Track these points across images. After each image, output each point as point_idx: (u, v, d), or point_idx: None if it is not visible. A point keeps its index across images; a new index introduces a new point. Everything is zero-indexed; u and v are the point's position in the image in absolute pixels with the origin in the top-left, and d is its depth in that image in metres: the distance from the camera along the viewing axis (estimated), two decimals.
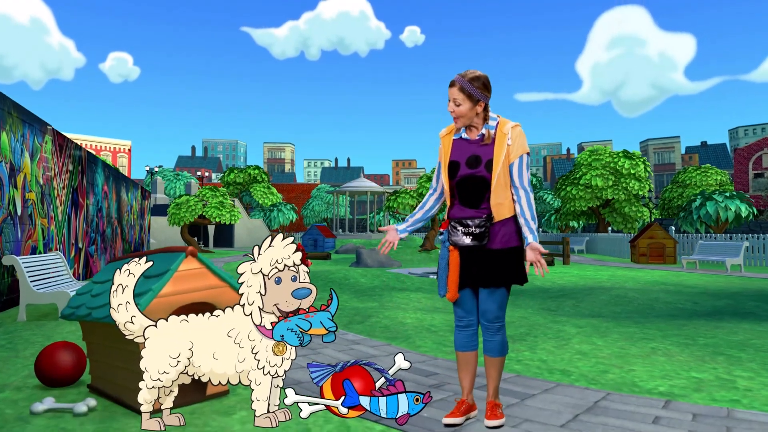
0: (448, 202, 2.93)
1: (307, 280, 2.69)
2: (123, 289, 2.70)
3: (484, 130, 2.82)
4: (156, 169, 62.60)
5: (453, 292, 2.82)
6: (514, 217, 2.81)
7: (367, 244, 27.66)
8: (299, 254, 2.67)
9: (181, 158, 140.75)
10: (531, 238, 2.76)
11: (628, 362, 4.31)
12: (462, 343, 2.92)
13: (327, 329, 2.55)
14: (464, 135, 2.87)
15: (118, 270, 2.72)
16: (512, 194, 2.81)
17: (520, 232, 2.82)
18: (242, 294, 2.64)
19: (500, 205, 2.77)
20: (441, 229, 2.93)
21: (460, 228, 2.78)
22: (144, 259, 2.78)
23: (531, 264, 2.78)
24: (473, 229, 2.75)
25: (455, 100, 2.79)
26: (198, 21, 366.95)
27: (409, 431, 2.79)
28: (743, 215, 24.17)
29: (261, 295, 2.61)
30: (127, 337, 2.74)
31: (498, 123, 2.83)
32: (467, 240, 2.76)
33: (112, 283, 2.70)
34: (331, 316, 2.59)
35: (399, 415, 2.60)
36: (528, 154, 2.81)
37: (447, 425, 2.82)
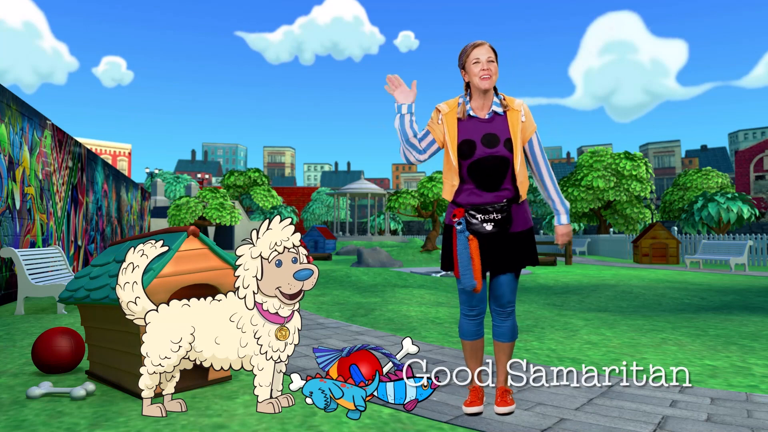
0: (452, 183, 2.69)
1: (307, 261, 2.60)
2: (133, 269, 2.62)
3: (497, 100, 2.69)
4: (156, 171, 62.59)
5: (481, 282, 2.60)
6: (525, 199, 2.72)
7: (368, 246, 27.56)
8: (298, 235, 2.59)
9: (180, 162, 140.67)
10: (565, 218, 2.76)
11: (640, 351, 4.22)
12: (473, 331, 2.78)
13: (356, 406, 2.44)
14: (472, 113, 2.68)
15: (132, 248, 2.64)
16: (535, 170, 2.73)
17: (528, 212, 2.74)
18: (238, 276, 2.55)
19: (522, 184, 2.65)
20: (457, 219, 2.62)
21: (479, 216, 2.61)
22: (161, 242, 2.69)
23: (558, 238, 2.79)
24: (495, 215, 2.59)
25: (490, 57, 2.61)
26: (191, 25, 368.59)
27: (417, 415, 2.70)
28: (745, 216, 24.10)
29: (257, 279, 2.52)
30: (127, 316, 2.66)
31: (505, 98, 2.71)
32: (489, 227, 2.60)
33: (124, 260, 2.62)
34: (366, 395, 2.47)
35: (407, 400, 2.50)
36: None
37: (470, 414, 2.70)
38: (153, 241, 2.67)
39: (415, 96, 2.75)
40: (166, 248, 2.68)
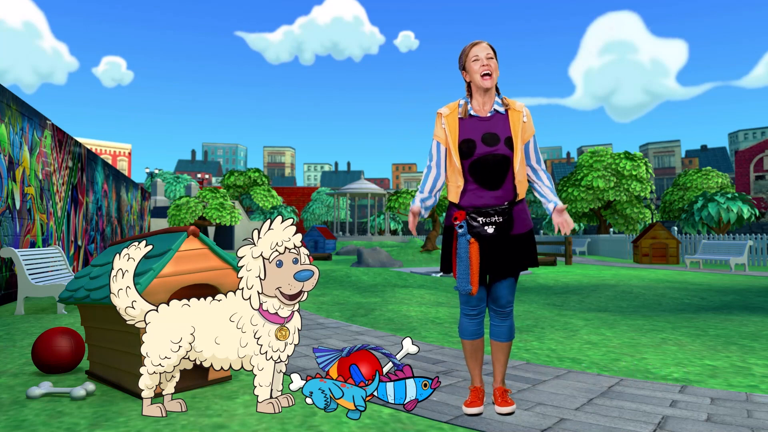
0: (457, 185, 2.67)
1: (308, 262, 2.60)
2: (123, 274, 2.61)
3: (498, 100, 2.70)
4: (156, 171, 62.61)
5: (477, 286, 2.58)
6: (524, 199, 2.72)
7: (368, 246, 27.56)
8: (299, 236, 2.59)
9: (181, 162, 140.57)
10: (554, 204, 2.70)
11: (640, 351, 4.22)
12: (473, 331, 2.77)
13: (356, 406, 2.44)
14: (472, 112, 2.68)
15: (117, 255, 2.63)
16: (531, 173, 2.74)
17: (528, 214, 2.74)
18: (241, 278, 2.55)
19: (521, 183, 2.66)
20: (458, 222, 2.60)
21: (480, 218, 2.59)
22: (144, 243, 2.69)
23: (558, 225, 2.68)
24: (496, 218, 2.58)
25: (489, 54, 2.62)
26: (191, 26, 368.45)
27: (417, 415, 2.70)
28: (745, 216, 24.10)
29: (260, 279, 2.52)
30: (128, 322, 2.66)
31: (505, 99, 2.72)
32: (489, 230, 2.58)
33: (112, 268, 2.61)
34: (366, 395, 2.46)
35: (407, 400, 2.50)
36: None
37: (470, 415, 2.70)
38: (136, 243, 2.66)
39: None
40: (150, 247, 2.67)
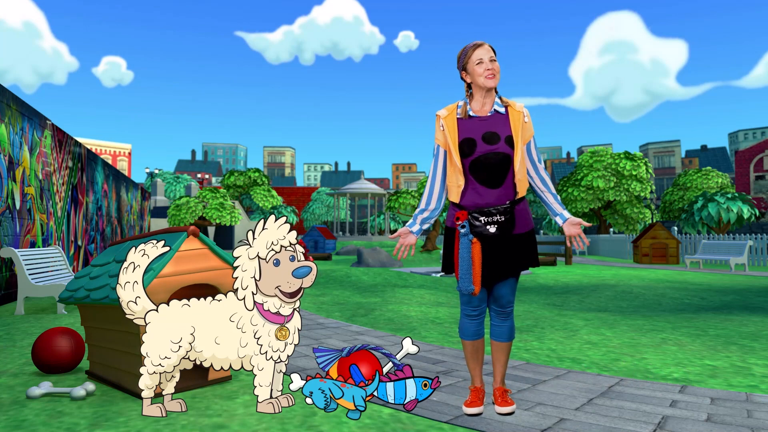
0: (458, 184, 2.67)
1: (305, 258, 2.60)
2: (134, 268, 2.61)
3: (498, 100, 2.71)
4: (156, 171, 62.63)
5: (479, 286, 2.58)
6: (524, 198, 2.72)
7: (368, 246, 27.56)
8: (294, 233, 2.58)
9: (181, 162, 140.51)
10: (567, 213, 2.74)
11: (640, 351, 4.22)
12: (474, 331, 2.76)
13: (356, 406, 2.44)
14: (472, 113, 2.69)
15: (133, 248, 2.64)
16: (534, 174, 2.74)
17: (530, 214, 2.75)
18: (236, 278, 2.55)
19: (521, 182, 2.66)
20: (461, 221, 2.59)
21: (482, 218, 2.59)
22: (162, 242, 2.69)
23: (571, 238, 2.71)
24: (498, 217, 2.58)
25: (492, 56, 2.64)
26: (191, 26, 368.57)
27: (417, 415, 2.70)
28: (745, 216, 24.10)
29: (255, 279, 2.52)
30: (127, 316, 2.66)
31: (502, 99, 2.72)
32: (492, 229, 2.58)
33: (125, 260, 2.62)
34: (366, 395, 2.46)
35: (407, 400, 2.50)
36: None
37: (470, 415, 2.70)
38: (154, 241, 2.67)
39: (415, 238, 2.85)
40: (167, 248, 2.68)
